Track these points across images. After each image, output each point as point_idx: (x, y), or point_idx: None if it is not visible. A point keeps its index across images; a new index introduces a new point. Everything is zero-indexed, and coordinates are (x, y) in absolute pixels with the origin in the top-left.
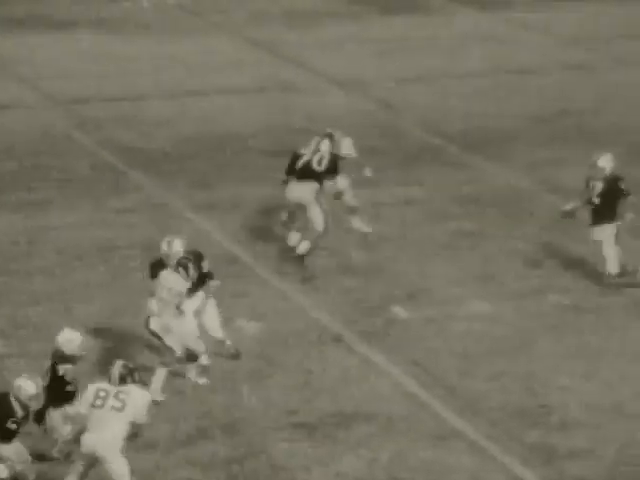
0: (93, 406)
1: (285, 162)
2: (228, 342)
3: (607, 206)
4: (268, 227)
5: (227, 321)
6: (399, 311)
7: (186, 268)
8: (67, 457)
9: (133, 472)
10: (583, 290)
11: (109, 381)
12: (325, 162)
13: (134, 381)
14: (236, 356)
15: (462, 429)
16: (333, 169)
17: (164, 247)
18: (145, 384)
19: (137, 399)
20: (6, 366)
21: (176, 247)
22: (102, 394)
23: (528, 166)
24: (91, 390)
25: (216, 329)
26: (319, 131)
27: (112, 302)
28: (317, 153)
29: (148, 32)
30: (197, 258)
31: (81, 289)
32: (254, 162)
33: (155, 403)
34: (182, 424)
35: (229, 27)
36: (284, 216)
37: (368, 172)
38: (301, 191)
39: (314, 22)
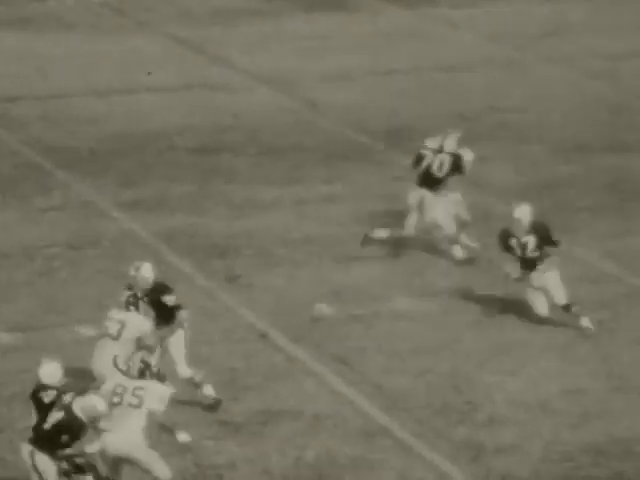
0: (112, 404)
1: (210, 159)
2: (196, 379)
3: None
4: (193, 225)
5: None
6: (324, 309)
7: (135, 306)
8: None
9: None
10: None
11: (126, 376)
12: (446, 167)
13: (152, 375)
14: (215, 406)
15: (389, 426)
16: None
17: (132, 272)
18: (163, 378)
19: (155, 394)
20: None
21: (145, 273)
22: (120, 390)
23: None
24: (109, 386)
25: (183, 366)
26: (244, 129)
27: (37, 301)
28: (438, 155)
29: (73, 30)
30: (158, 291)
31: (5, 288)
32: (180, 160)
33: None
34: None
35: (155, 25)
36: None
37: None
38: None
39: (238, 20)
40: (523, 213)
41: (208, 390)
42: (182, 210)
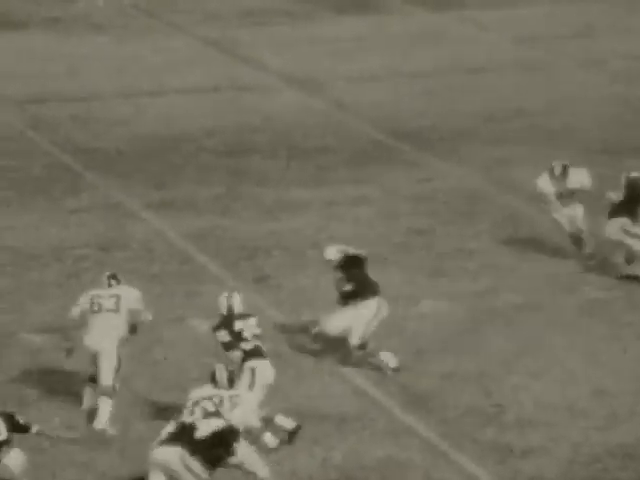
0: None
1: (239, 161)
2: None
3: None
4: (222, 226)
5: (180, 320)
6: None
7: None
8: None
9: None
10: (535, 289)
11: (216, 386)
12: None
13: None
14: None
15: (415, 427)
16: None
17: (223, 302)
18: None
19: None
20: None
21: (236, 301)
22: (217, 400)
23: (481, 165)
24: (203, 395)
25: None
26: (274, 130)
27: (66, 301)
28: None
29: (103, 32)
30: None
31: (35, 288)
32: (209, 162)
33: None
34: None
35: (184, 27)
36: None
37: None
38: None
39: (268, 21)
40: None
41: (282, 421)
42: (211, 212)
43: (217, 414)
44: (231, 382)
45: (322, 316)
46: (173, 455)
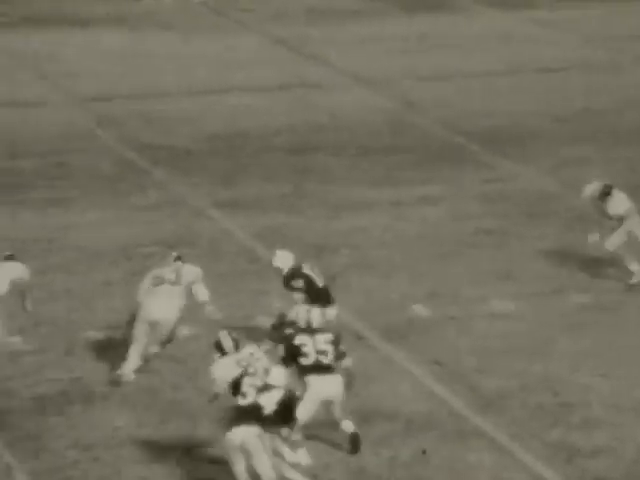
0: None
1: (306, 159)
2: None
3: None
4: (289, 225)
5: (247, 318)
6: (420, 310)
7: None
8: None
9: None
10: (603, 289)
11: (224, 353)
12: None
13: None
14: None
15: (483, 427)
16: None
17: (303, 316)
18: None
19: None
20: (27, 362)
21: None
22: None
23: (551, 165)
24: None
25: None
26: (341, 129)
27: (132, 299)
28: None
29: (171, 30)
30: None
31: (101, 286)
32: (276, 160)
33: None
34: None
35: (252, 25)
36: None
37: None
38: None
39: (337, 20)
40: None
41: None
42: (278, 210)
43: (268, 386)
44: (236, 347)
45: None
46: (250, 434)
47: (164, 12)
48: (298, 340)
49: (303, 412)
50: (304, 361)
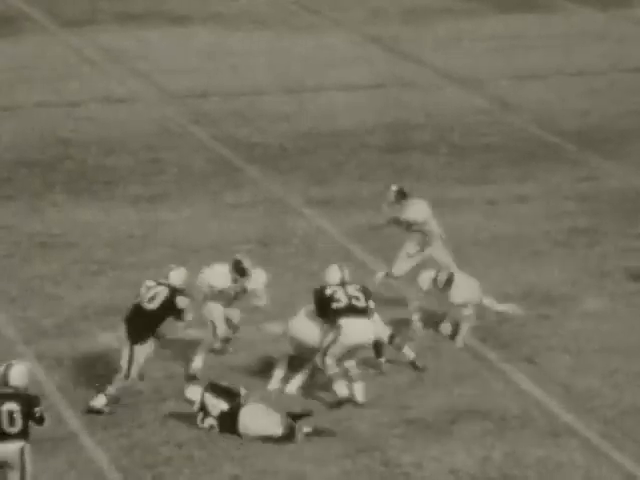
0: None
1: (400, 158)
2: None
3: None
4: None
5: None
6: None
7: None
8: None
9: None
10: None
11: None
12: None
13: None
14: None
15: (575, 427)
16: None
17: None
18: None
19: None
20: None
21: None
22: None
23: None
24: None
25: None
26: (435, 128)
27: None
28: None
29: (266, 27)
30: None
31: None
32: (370, 158)
33: None
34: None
35: (347, 24)
36: None
37: None
38: None
39: (431, 19)
40: None
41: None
42: (372, 208)
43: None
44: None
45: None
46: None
47: (259, 10)
48: (329, 290)
49: (332, 356)
50: (337, 305)
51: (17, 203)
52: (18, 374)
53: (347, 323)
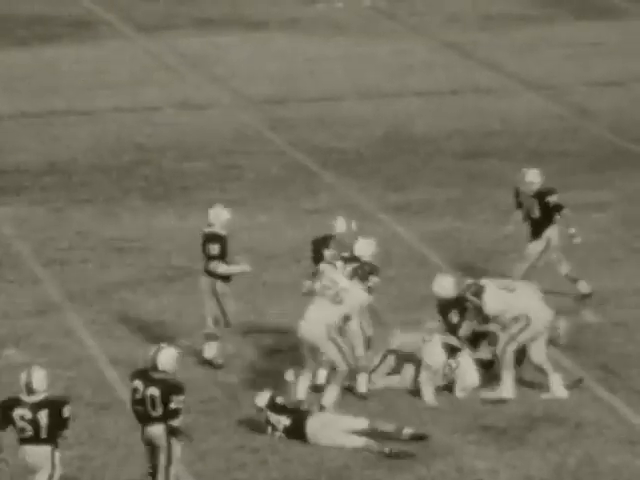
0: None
1: (477, 164)
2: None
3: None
4: (459, 229)
5: (416, 323)
6: (589, 315)
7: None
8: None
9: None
10: None
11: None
12: None
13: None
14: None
15: None
16: None
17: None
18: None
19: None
20: (192, 363)
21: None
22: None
23: None
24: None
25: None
26: (512, 134)
27: (303, 303)
28: None
29: (343, 33)
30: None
31: (271, 289)
32: (447, 164)
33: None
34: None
35: (424, 29)
36: None
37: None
38: None
39: (508, 25)
40: (534, 175)
41: None
42: (448, 214)
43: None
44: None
45: None
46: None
47: (336, 16)
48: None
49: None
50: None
51: (93, 208)
52: (167, 359)
53: (534, 309)
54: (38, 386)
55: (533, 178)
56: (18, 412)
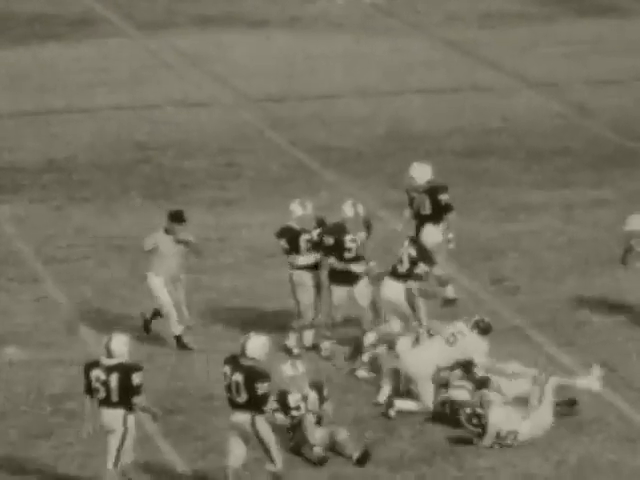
0: None
1: (477, 162)
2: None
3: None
4: (460, 228)
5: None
6: (588, 314)
7: None
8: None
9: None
10: None
11: None
12: None
13: None
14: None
15: None
16: None
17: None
18: None
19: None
20: (198, 360)
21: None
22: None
23: None
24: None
25: None
26: (512, 132)
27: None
28: None
29: (343, 31)
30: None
31: (271, 287)
32: (447, 163)
33: None
34: (370, 425)
35: (423, 27)
36: None
37: None
38: None
39: (508, 23)
40: (421, 171)
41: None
42: None
43: None
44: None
45: None
46: None
47: (336, 13)
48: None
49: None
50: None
51: (93, 206)
52: (256, 346)
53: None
54: (116, 350)
55: (420, 174)
56: (94, 373)
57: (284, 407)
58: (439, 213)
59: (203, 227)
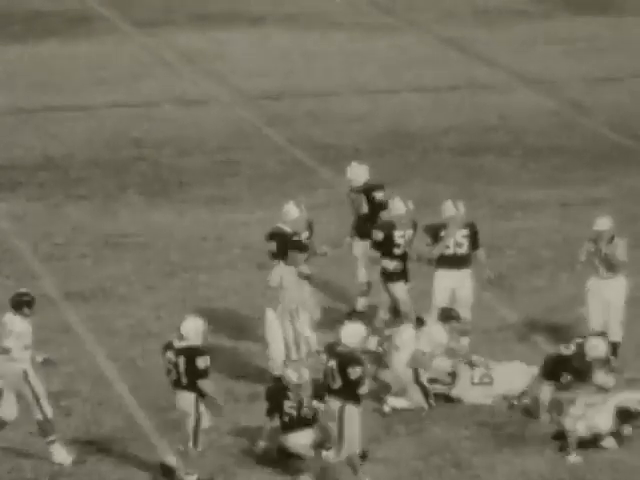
0: None
1: (474, 160)
2: None
3: None
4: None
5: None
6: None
7: None
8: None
9: None
10: None
11: None
12: None
13: None
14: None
15: None
16: None
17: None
18: None
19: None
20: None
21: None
22: None
23: None
24: None
25: None
26: (509, 130)
27: None
28: None
29: (340, 28)
30: None
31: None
32: (444, 160)
33: None
34: (368, 423)
35: (421, 25)
36: None
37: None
38: None
39: (505, 20)
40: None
41: None
42: None
43: None
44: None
45: None
46: None
47: (333, 11)
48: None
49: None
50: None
51: (91, 203)
52: (350, 332)
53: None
54: (186, 333)
55: (356, 175)
56: (167, 355)
57: (279, 410)
58: (376, 213)
59: (200, 225)
